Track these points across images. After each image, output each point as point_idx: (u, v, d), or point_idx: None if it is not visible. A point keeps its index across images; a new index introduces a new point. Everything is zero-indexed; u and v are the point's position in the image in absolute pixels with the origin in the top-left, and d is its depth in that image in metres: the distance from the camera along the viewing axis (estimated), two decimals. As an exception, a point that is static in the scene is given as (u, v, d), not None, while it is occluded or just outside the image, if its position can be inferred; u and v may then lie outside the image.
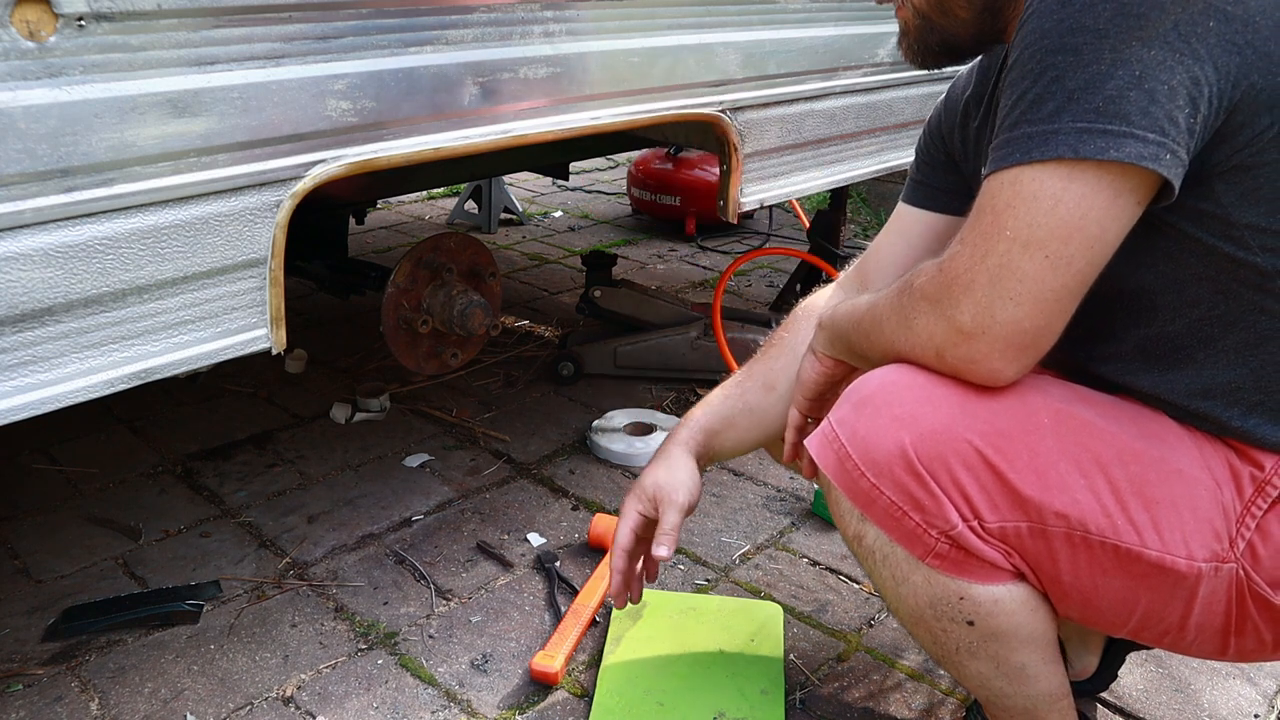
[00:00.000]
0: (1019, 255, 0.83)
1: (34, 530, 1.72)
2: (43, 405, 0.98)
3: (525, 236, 3.67)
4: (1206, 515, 0.90)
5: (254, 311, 1.12)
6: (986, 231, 0.85)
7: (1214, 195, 0.87)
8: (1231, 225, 0.87)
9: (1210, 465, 0.92)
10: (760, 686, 1.36)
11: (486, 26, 1.25)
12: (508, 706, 1.35)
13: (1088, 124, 0.81)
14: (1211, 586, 0.91)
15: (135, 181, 0.98)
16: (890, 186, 3.99)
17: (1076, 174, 0.81)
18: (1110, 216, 0.83)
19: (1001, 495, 0.91)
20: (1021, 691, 1.03)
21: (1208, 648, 0.97)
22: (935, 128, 1.26)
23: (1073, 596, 0.96)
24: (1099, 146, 0.80)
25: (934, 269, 0.90)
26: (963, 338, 0.88)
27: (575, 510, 1.84)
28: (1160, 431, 0.94)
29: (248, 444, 2.04)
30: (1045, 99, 0.83)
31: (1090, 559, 0.92)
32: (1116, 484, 0.90)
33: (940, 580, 0.96)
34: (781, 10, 1.67)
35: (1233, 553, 0.90)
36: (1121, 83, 0.80)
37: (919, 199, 1.27)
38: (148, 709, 1.33)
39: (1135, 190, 0.82)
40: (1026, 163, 0.83)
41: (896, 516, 0.94)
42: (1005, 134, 0.86)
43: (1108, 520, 0.90)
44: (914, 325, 0.92)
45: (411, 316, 1.80)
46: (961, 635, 0.98)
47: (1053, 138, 0.82)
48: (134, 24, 0.94)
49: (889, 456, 0.93)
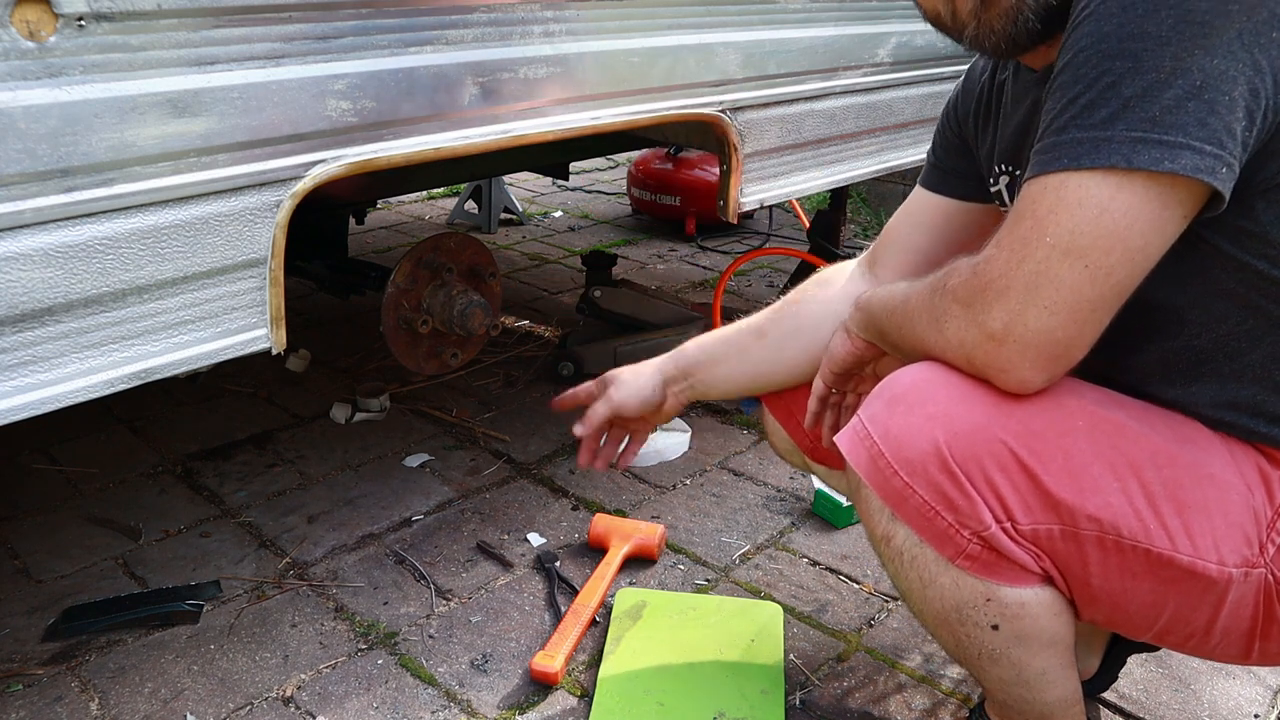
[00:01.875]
0: (1058, 263, 0.82)
1: (34, 530, 1.72)
2: (43, 405, 0.98)
3: (525, 236, 3.67)
4: (1238, 520, 0.89)
5: (254, 311, 1.12)
6: (1026, 236, 0.83)
7: (1254, 213, 0.85)
8: (1269, 244, 0.86)
9: (1241, 469, 0.91)
10: (760, 686, 1.36)
11: (486, 26, 1.24)
12: (508, 706, 1.35)
13: (1143, 133, 0.78)
14: (1241, 592, 0.90)
15: (135, 181, 0.98)
16: (890, 186, 3.99)
17: (1126, 184, 0.79)
18: (1156, 229, 0.81)
19: (1035, 497, 0.90)
20: (1040, 698, 1.02)
21: (1231, 651, 0.96)
22: (952, 110, 1.24)
23: (1101, 600, 0.95)
24: (1154, 157, 0.78)
25: (968, 270, 0.88)
26: (993, 344, 0.87)
27: (575, 510, 1.84)
28: (1192, 435, 0.93)
29: (248, 444, 2.04)
30: (1098, 105, 0.80)
31: (1121, 563, 0.91)
32: (1149, 487, 0.89)
33: (968, 582, 0.95)
34: (781, 10, 1.67)
35: (1262, 558, 0.89)
36: (1180, 92, 0.78)
37: (932, 182, 1.26)
38: (148, 709, 1.33)
39: (1184, 203, 0.81)
40: (1074, 169, 0.81)
41: (928, 516, 0.93)
42: (1053, 137, 0.83)
43: (1140, 524, 0.89)
44: (945, 327, 0.91)
45: (411, 316, 1.80)
46: (985, 640, 0.98)
47: (1105, 145, 0.80)
48: (134, 24, 0.94)
49: (923, 455, 0.92)
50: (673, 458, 2.03)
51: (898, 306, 1.00)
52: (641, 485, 1.93)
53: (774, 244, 3.61)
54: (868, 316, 1.07)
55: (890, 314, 1.02)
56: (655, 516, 1.81)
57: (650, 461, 2.00)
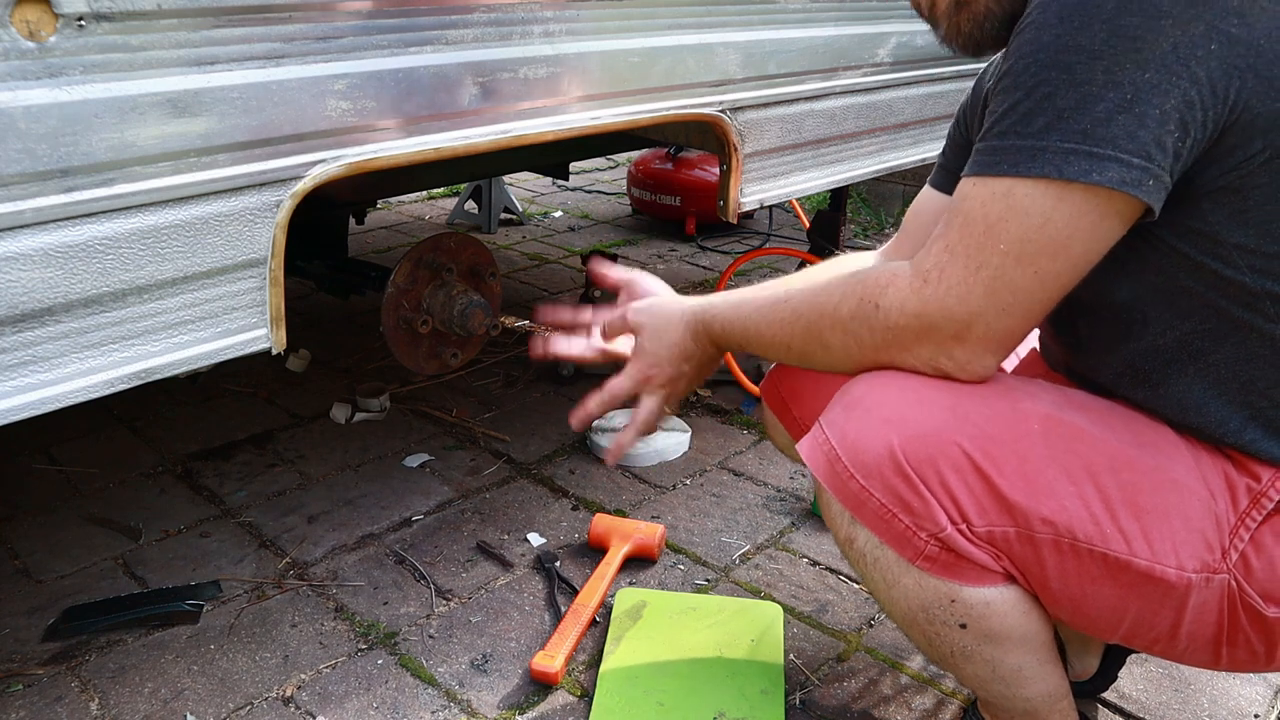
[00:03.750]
0: (1012, 269, 0.85)
1: (34, 530, 1.72)
2: (43, 405, 0.98)
3: (525, 236, 3.67)
4: (1198, 525, 0.90)
5: (254, 311, 1.12)
6: (980, 242, 0.85)
7: (1201, 214, 0.86)
8: (1219, 244, 0.87)
9: (1206, 475, 0.92)
10: (760, 686, 1.36)
11: (486, 26, 1.24)
12: (508, 706, 1.35)
13: (1074, 145, 0.81)
14: (1202, 597, 0.90)
15: (135, 181, 0.98)
16: (890, 186, 3.99)
17: (1065, 195, 0.82)
18: (1094, 237, 0.84)
19: (989, 500, 0.91)
20: (1020, 694, 1.02)
21: (1200, 657, 0.96)
22: (962, 112, 1.28)
23: (1063, 602, 0.96)
24: (1082, 169, 0.81)
25: (915, 280, 0.89)
26: (958, 345, 0.89)
27: (575, 510, 1.84)
28: (1156, 440, 0.94)
29: (248, 444, 2.04)
30: (1036, 114, 0.83)
31: (1078, 566, 0.91)
32: (1106, 491, 0.90)
33: (931, 583, 0.96)
34: (781, 10, 1.67)
35: (1225, 563, 0.89)
36: (1111, 105, 0.80)
37: (939, 182, 1.29)
38: (148, 709, 1.33)
39: (1120, 213, 0.83)
40: (1015, 176, 0.84)
41: (886, 519, 0.94)
42: (995, 140, 0.86)
43: (1095, 528, 0.90)
44: (899, 337, 0.91)
45: (411, 316, 1.79)
46: (955, 638, 0.98)
47: (1040, 155, 0.82)
48: (134, 24, 0.94)
49: (878, 458, 0.93)
50: (673, 458, 2.03)
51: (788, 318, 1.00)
52: (641, 485, 1.93)
53: (774, 244, 3.61)
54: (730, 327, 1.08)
55: (780, 322, 1.01)
56: (655, 516, 1.81)
57: (650, 461, 2.00)
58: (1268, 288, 0.87)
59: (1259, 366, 0.90)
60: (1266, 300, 0.87)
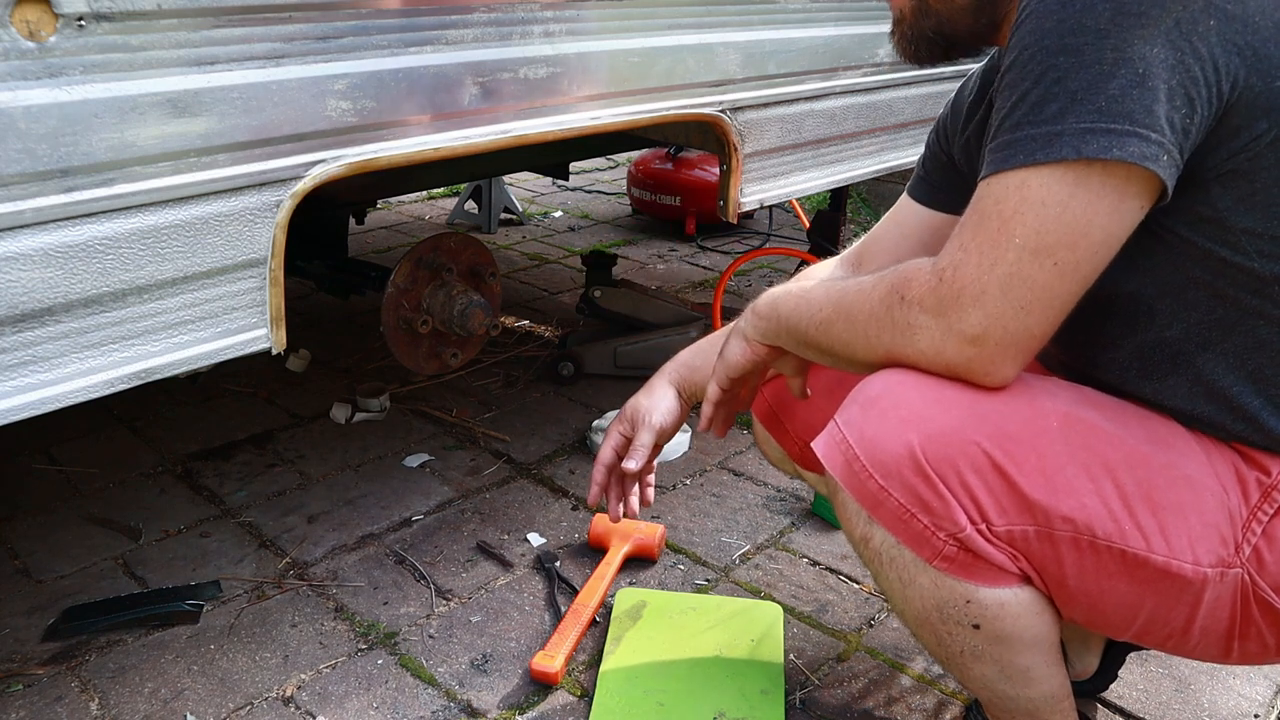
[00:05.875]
0: (1029, 263, 0.83)
1: (34, 530, 1.72)
2: (43, 405, 0.98)
3: (525, 236, 3.67)
4: (1213, 520, 0.90)
5: (254, 311, 1.12)
6: (994, 239, 0.84)
7: (1210, 199, 0.86)
8: (1228, 230, 0.87)
9: (1217, 470, 0.92)
10: (760, 687, 1.36)
11: (486, 26, 1.24)
12: (508, 706, 1.35)
13: (1091, 123, 0.80)
14: (1217, 591, 0.90)
15: (135, 181, 0.98)
16: (890, 186, 3.99)
17: (1083, 178, 0.81)
18: (1114, 221, 0.82)
19: (1009, 499, 0.91)
20: (1024, 694, 1.02)
21: (1211, 651, 0.96)
22: (941, 128, 1.26)
23: (1078, 600, 0.95)
24: (1102, 145, 0.80)
25: (931, 278, 0.88)
26: (973, 348, 0.87)
27: (575, 510, 1.84)
28: (1168, 436, 0.94)
29: (248, 444, 2.04)
30: (1048, 100, 0.82)
31: (1097, 563, 0.91)
32: (1124, 488, 0.90)
33: (947, 583, 0.95)
34: (781, 10, 1.67)
35: (1238, 558, 0.89)
36: (1125, 82, 0.79)
37: (920, 193, 1.27)
38: (148, 709, 1.33)
39: (1139, 195, 0.82)
40: (1031, 165, 0.82)
41: (904, 518, 0.94)
42: (1007, 135, 0.85)
43: (1114, 525, 0.89)
44: (915, 337, 0.90)
45: (411, 316, 1.80)
46: (967, 639, 0.98)
47: (1057, 139, 0.81)
48: (134, 24, 0.94)
49: (897, 458, 0.92)
50: (673, 458, 2.03)
51: (825, 314, 0.99)
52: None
53: (774, 244, 3.61)
54: (774, 324, 1.07)
55: (816, 322, 1.01)
56: (655, 516, 1.81)
57: (650, 461, 2.00)
58: (1277, 272, 0.87)
59: (1267, 355, 0.90)
60: (1275, 286, 0.87)
